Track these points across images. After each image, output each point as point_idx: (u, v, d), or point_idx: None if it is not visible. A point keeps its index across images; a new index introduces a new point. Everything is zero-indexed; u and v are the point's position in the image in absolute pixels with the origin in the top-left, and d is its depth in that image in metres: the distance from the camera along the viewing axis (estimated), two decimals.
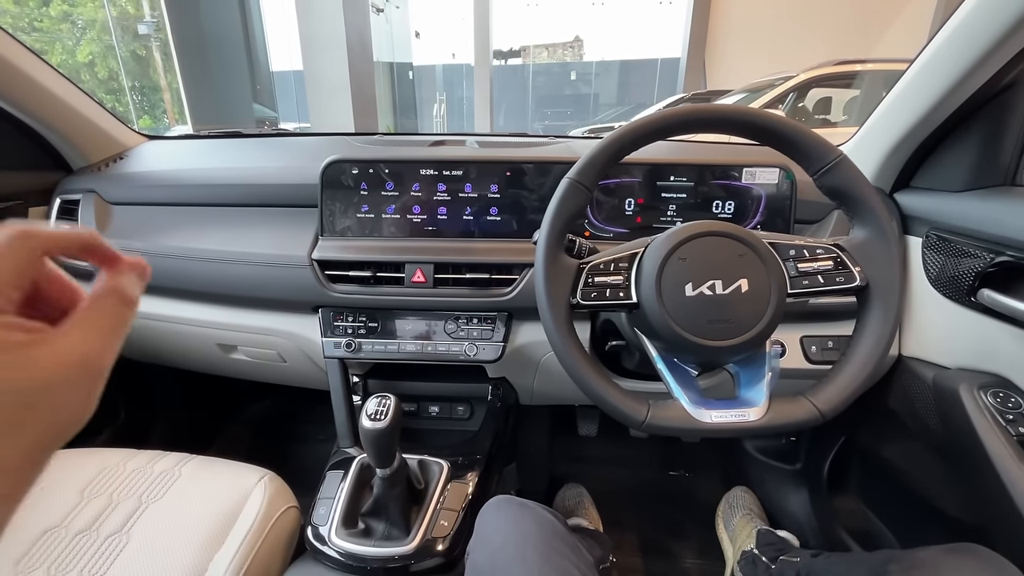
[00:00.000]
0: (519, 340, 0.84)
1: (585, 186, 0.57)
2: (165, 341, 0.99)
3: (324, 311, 0.84)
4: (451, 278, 0.80)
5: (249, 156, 1.04)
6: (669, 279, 0.54)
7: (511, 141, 1.05)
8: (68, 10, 7.13)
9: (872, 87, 4.02)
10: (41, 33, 6.81)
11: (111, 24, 7.05)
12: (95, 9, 7.18)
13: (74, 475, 0.77)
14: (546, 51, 12.91)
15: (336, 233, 0.83)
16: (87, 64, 7.16)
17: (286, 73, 8.59)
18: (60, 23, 7.07)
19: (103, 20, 7.19)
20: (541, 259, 0.57)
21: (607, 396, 0.55)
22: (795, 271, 0.55)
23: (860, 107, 4.06)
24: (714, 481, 1.32)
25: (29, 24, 6.77)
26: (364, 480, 0.75)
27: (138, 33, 7.21)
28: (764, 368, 0.56)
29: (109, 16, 7.08)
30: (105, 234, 0.90)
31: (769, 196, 0.80)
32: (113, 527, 0.70)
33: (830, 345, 0.80)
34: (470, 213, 0.82)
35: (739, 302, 0.53)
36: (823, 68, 4.19)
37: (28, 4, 6.78)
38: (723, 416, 0.53)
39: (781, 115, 0.56)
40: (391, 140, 1.08)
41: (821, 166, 0.55)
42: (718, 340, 0.53)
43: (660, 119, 0.57)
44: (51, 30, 6.95)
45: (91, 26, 7.27)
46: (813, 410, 0.53)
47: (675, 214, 0.81)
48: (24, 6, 6.72)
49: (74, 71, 6.90)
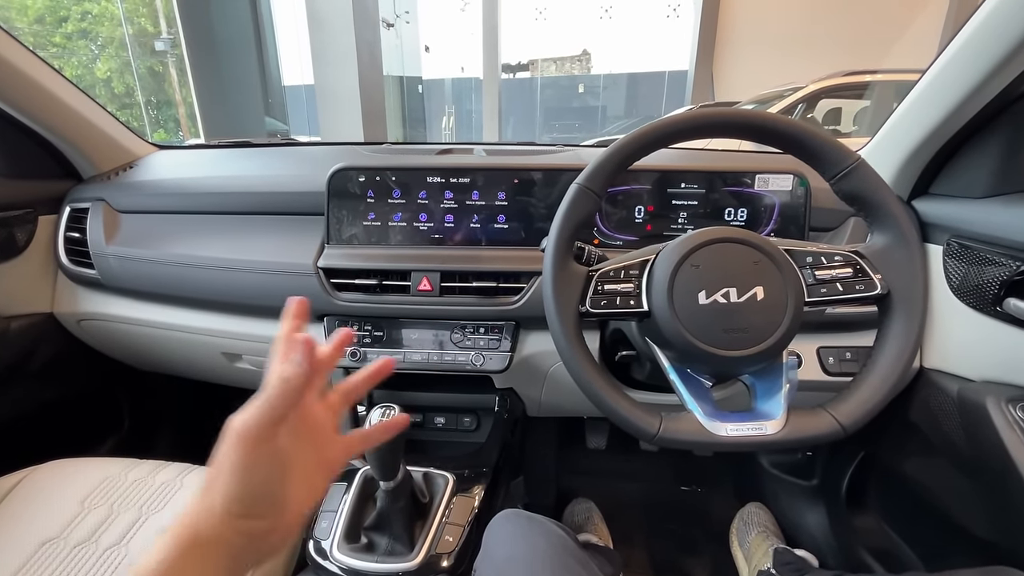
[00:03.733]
0: (527, 350, 0.83)
1: (594, 192, 0.56)
2: (170, 350, 0.99)
3: (329, 320, 0.83)
4: (458, 286, 0.79)
5: (257, 165, 1.04)
6: (681, 287, 0.52)
7: (519, 150, 1.05)
8: (87, 28, 7.32)
9: (883, 97, 4.00)
10: (59, 48, 6.99)
11: (128, 41, 7.22)
12: (113, 27, 7.38)
13: (74, 485, 0.76)
14: (554, 64, 13.03)
15: (342, 241, 0.82)
16: (104, 80, 7.33)
17: (297, 87, 8.74)
18: (77, 40, 7.25)
19: (121, 37, 7.38)
20: (549, 266, 0.56)
21: (618, 408, 0.53)
22: (812, 279, 0.53)
23: (871, 118, 4.03)
24: (727, 497, 1.28)
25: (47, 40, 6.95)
26: (367, 493, 0.74)
27: (155, 50, 7.38)
28: (781, 379, 0.54)
29: (126, 34, 7.25)
30: (113, 242, 0.90)
31: (783, 203, 0.78)
32: (112, 539, 0.69)
33: (848, 356, 0.78)
34: (477, 221, 0.81)
35: (755, 311, 0.51)
36: (832, 79, 4.18)
37: (46, 22, 6.98)
38: (739, 429, 0.51)
39: (795, 119, 0.55)
40: (399, 149, 1.07)
41: (839, 171, 0.53)
42: (733, 350, 0.51)
43: (671, 123, 0.55)
44: (65, 46, 7.13)
45: (109, 43, 7.46)
46: (834, 424, 0.50)
47: (686, 222, 0.80)
48: (43, 23, 6.91)
49: (91, 87, 7.07)
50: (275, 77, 7.90)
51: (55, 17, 7.12)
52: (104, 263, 0.90)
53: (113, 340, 1.02)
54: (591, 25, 12.09)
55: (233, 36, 6.97)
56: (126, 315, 0.94)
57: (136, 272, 0.89)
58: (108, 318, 0.96)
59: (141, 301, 0.94)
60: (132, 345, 1.01)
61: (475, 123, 11.77)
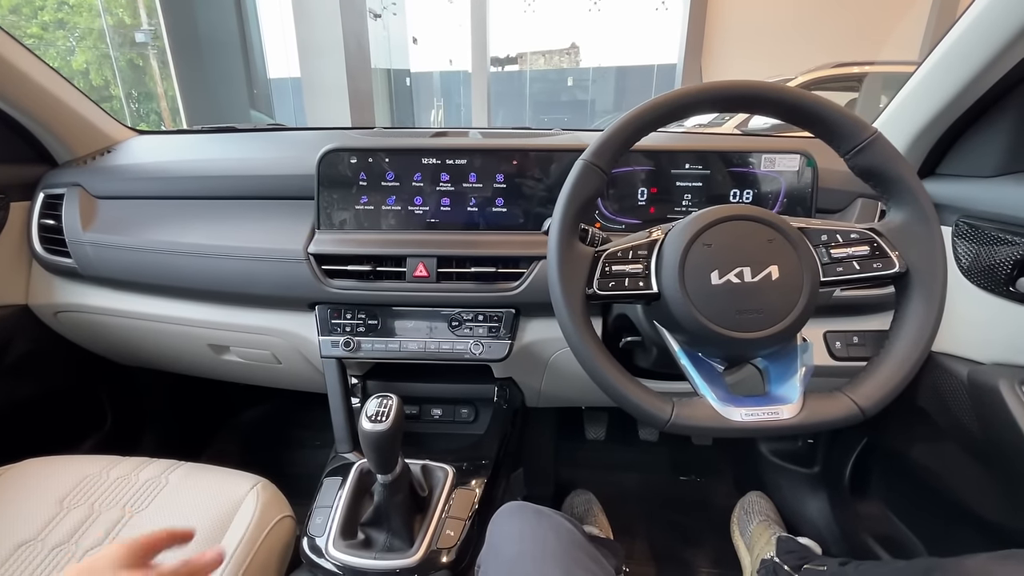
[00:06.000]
0: (527, 337, 0.80)
1: (601, 168, 0.54)
2: (153, 342, 0.95)
3: (321, 308, 0.80)
4: (455, 272, 0.76)
5: (242, 149, 1.00)
6: (693, 266, 0.50)
7: (515, 133, 1.02)
8: (64, 18, 7.12)
9: (872, 89, 4.02)
10: (36, 39, 6.80)
11: (106, 32, 7.04)
12: (92, 18, 7.18)
13: (51, 484, 0.72)
14: (543, 58, 12.95)
15: (334, 226, 0.79)
16: (82, 72, 7.14)
17: (283, 80, 8.59)
18: (55, 30, 7.06)
19: (100, 28, 7.19)
20: (554, 247, 0.53)
21: (628, 393, 0.50)
22: (828, 257, 0.52)
23: (859, 109, 4.05)
24: (727, 486, 1.27)
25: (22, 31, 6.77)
26: (364, 487, 0.71)
27: (135, 41, 7.20)
28: (796, 362, 0.52)
29: (105, 25, 7.07)
30: (90, 229, 0.86)
31: (789, 184, 0.76)
32: (93, 540, 0.65)
33: (856, 340, 0.76)
34: (475, 204, 0.78)
35: (769, 290, 0.49)
36: (821, 71, 4.19)
37: (22, 12, 6.78)
38: (754, 414, 0.49)
39: (809, 92, 0.52)
40: (391, 133, 1.04)
41: (854, 145, 0.51)
42: (748, 332, 0.49)
43: (681, 95, 0.53)
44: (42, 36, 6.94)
45: (88, 35, 7.26)
46: (852, 407, 0.49)
47: (690, 204, 0.78)
48: (19, 14, 6.72)
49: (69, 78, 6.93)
50: (260, 69, 7.75)
51: (32, 7, 6.91)
52: (81, 251, 0.86)
53: (92, 333, 0.98)
54: (580, 18, 12.02)
55: (217, 28, 6.82)
56: (105, 306, 0.90)
57: (115, 260, 0.85)
58: (86, 309, 0.92)
59: (121, 291, 0.89)
60: (112, 338, 0.97)
61: (464, 117, 11.67)
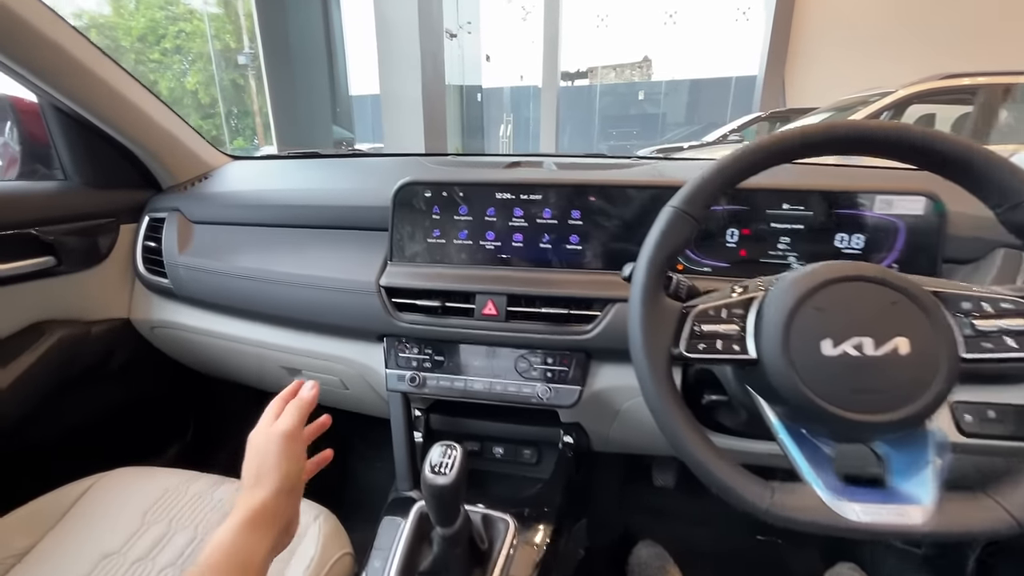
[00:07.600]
0: (598, 384, 0.75)
1: (693, 216, 0.49)
2: (235, 361, 0.99)
3: (389, 340, 0.80)
4: (525, 312, 0.73)
5: (325, 177, 1.03)
6: (800, 333, 0.44)
7: (591, 163, 0.98)
8: (181, 44, 8.00)
9: (989, 102, 3.59)
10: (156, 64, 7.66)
11: (213, 55, 7.80)
12: (203, 43, 8.01)
13: (136, 497, 0.76)
14: (613, 72, 12.84)
15: (405, 258, 0.78)
16: (192, 92, 7.97)
17: (363, 97, 9.11)
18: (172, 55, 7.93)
19: (208, 52, 7.99)
20: (638, 300, 0.48)
21: (718, 473, 0.45)
22: (971, 330, 0.43)
23: (974, 124, 3.62)
24: (813, 551, 1.14)
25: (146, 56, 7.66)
26: (423, 532, 0.68)
27: (238, 63, 7.93)
28: (926, 453, 0.44)
29: (212, 49, 7.84)
30: (185, 252, 0.91)
31: (909, 230, 0.66)
32: (168, 559, 0.68)
33: (991, 416, 0.64)
34: (548, 241, 0.75)
35: (895, 367, 0.42)
36: (928, 82, 3.79)
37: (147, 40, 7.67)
38: (875, 514, 0.41)
39: (962, 138, 0.44)
40: (465, 161, 1.03)
41: (1014, 201, 0.43)
42: (867, 414, 0.42)
43: (788, 138, 0.47)
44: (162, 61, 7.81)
45: (199, 58, 8.11)
46: (1004, 517, 0.40)
47: (788, 248, 0.70)
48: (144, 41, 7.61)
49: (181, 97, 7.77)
50: (343, 87, 8.25)
51: (155, 35, 7.84)
52: (176, 273, 0.92)
53: (183, 348, 1.04)
54: (654, 31, 11.82)
55: (306, 50, 7.34)
56: (194, 325, 0.96)
57: (204, 283, 0.90)
58: (178, 327, 0.98)
59: (208, 311, 0.95)
60: (200, 353, 1.02)
61: (532, 131, 11.79)
